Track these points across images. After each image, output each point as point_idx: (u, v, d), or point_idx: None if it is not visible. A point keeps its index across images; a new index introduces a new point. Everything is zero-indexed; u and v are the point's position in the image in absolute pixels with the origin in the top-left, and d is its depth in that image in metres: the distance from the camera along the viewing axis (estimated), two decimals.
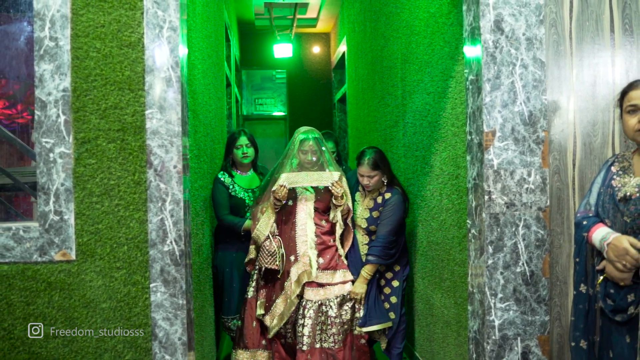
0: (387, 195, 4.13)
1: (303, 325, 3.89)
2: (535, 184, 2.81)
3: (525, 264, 2.81)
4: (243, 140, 4.48)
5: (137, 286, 2.72)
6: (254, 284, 4.14)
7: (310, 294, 3.94)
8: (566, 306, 2.86)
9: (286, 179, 3.99)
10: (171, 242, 2.71)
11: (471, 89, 2.93)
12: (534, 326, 2.82)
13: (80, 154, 2.69)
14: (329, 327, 3.89)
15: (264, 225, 4.04)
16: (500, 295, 2.81)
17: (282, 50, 10.02)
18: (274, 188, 3.97)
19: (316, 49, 10.66)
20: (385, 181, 4.15)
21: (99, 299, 2.71)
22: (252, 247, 4.15)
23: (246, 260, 4.20)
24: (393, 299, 4.14)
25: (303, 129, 4.20)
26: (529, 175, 2.81)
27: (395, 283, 4.17)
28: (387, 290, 4.18)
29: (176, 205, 2.72)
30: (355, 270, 4.07)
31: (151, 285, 2.72)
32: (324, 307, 3.91)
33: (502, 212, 2.80)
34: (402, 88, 4.53)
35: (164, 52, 2.71)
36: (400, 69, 4.59)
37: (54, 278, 2.69)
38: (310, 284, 3.95)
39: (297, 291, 3.93)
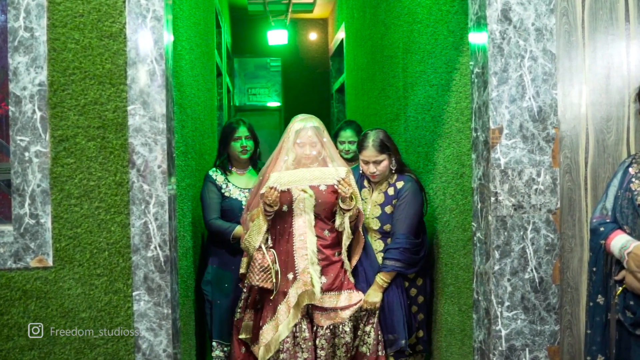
0: (400, 184, 3.70)
1: (316, 358, 3.49)
2: (544, 185, 2.80)
3: (534, 270, 2.80)
4: (242, 131, 4.09)
5: (119, 294, 2.71)
6: (241, 303, 3.73)
7: (320, 318, 3.50)
8: (577, 314, 2.86)
9: (277, 180, 3.46)
10: (155, 248, 2.70)
11: (477, 83, 2.91)
12: (543, 336, 2.82)
13: (57, 153, 2.68)
14: (344, 354, 3.53)
15: (255, 234, 3.56)
16: (507, 304, 2.80)
17: (277, 37, 9.99)
18: (262, 190, 3.48)
19: (313, 36, 10.63)
20: (394, 168, 3.72)
21: (78, 308, 2.70)
22: (244, 260, 3.67)
23: (239, 274, 3.72)
24: (420, 317, 3.79)
25: (300, 116, 3.70)
26: (539, 175, 2.80)
27: (421, 299, 3.79)
28: (413, 309, 3.77)
29: (160, 207, 2.70)
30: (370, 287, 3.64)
31: (134, 294, 2.71)
32: (337, 331, 3.51)
33: (510, 214, 2.79)
34: (404, 79, 4.51)
35: (148, 43, 2.70)
36: (401, 59, 4.57)
37: (29, 286, 2.68)
38: (316, 307, 3.49)
39: (298, 317, 3.44)
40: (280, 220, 3.58)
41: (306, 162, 3.58)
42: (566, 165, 2.85)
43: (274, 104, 11.13)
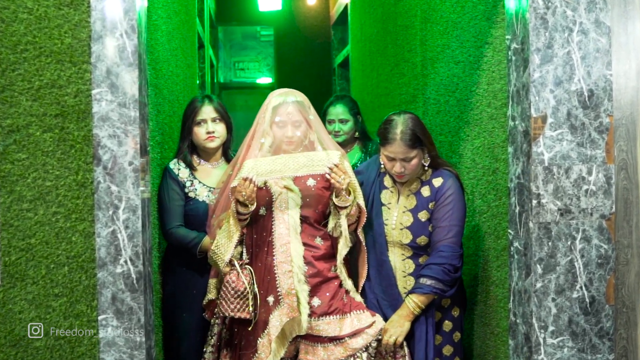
0: (437, 182, 3.29)
1: None
2: (597, 185, 2.79)
3: (583, 288, 2.79)
4: (207, 111, 3.65)
5: (82, 319, 2.71)
6: (213, 340, 3.43)
7: (321, 354, 3.17)
8: (635, 340, 2.83)
9: (252, 169, 3.17)
10: (126, 262, 2.70)
11: (515, 61, 2.90)
12: None
13: (6, 147, 2.66)
14: None
15: (224, 244, 3.27)
16: (551, 328, 2.79)
17: (269, 1, 9.99)
18: (233, 183, 3.20)
19: (311, 0, 10.59)
20: (427, 163, 3.29)
21: (31, 335, 2.67)
22: (212, 282, 3.45)
23: (204, 302, 3.49)
24: None
25: (278, 91, 3.41)
26: (590, 173, 2.79)
27: (457, 336, 3.38)
28: (447, 351, 3.34)
29: (132, 213, 2.70)
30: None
31: (99, 318, 2.71)
32: None
33: (555, 220, 2.78)
34: (422, 54, 4.51)
35: (116, 13, 2.70)
36: (419, 30, 4.57)
37: None
38: (313, 339, 3.18)
39: (282, 352, 3.15)
40: (257, 228, 3.31)
41: (288, 147, 3.29)
42: (621, 161, 2.83)
43: (265, 80, 11.15)
